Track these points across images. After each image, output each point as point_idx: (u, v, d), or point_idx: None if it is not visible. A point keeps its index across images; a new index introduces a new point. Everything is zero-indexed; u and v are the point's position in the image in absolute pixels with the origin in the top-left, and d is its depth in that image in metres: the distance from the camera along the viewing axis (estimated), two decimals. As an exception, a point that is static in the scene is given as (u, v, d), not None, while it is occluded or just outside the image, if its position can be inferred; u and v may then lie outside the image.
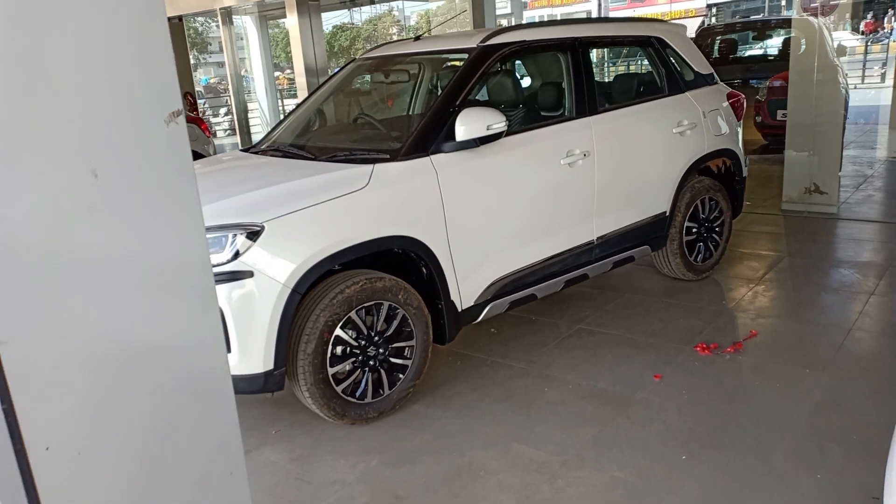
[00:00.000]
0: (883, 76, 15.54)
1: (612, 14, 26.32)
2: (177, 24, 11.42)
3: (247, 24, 17.66)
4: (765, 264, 4.85)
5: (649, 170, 4.04)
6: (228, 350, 2.71)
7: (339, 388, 2.92)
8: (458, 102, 3.26)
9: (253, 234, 2.69)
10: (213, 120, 19.04)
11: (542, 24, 3.87)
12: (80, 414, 0.97)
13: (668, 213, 4.21)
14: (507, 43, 3.52)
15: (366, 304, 2.93)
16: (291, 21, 9.15)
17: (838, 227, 5.66)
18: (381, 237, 2.93)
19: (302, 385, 2.84)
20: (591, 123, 3.73)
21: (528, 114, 3.87)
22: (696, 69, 4.42)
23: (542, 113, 3.87)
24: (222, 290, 2.66)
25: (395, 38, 30.10)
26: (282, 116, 13.06)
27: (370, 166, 3.03)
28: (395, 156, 3.11)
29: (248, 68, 13.07)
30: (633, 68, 13.16)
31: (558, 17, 30.65)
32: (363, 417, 3.02)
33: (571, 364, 3.51)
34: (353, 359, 2.95)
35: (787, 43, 8.75)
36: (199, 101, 17.68)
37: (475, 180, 3.24)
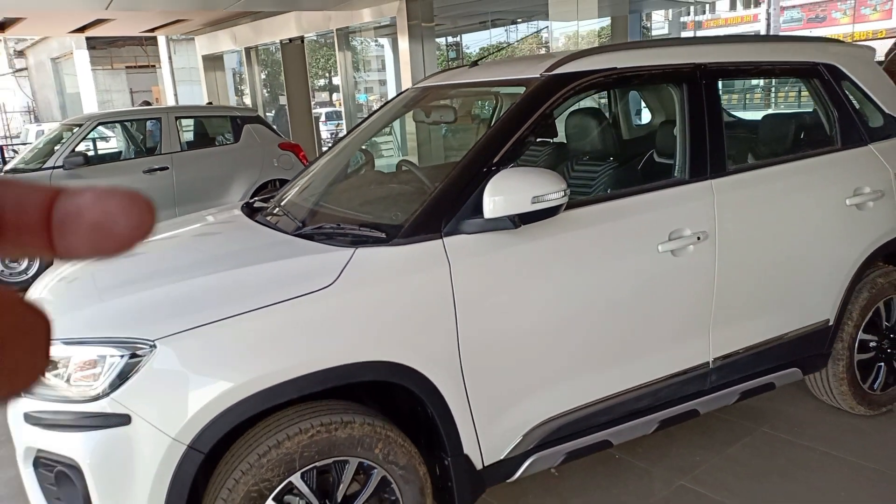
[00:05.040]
0: None
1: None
2: (297, 46, 11.15)
3: (384, 44, 17.47)
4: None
5: (805, 260, 2.72)
6: (90, 528, 1.81)
7: (270, 588, 1.93)
8: (496, 160, 2.18)
9: (139, 356, 1.78)
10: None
11: (644, 43, 2.70)
12: None
13: (831, 322, 2.84)
14: (582, 73, 2.39)
15: (318, 464, 1.93)
16: (403, 44, 8.45)
17: None
18: (345, 365, 1.92)
19: (210, 582, 1.88)
20: (714, 190, 2.50)
21: (612, 175, 2.71)
22: (887, 111, 3.02)
23: (635, 174, 2.70)
24: (85, 439, 1.77)
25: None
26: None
27: (349, 252, 2.03)
28: (392, 235, 2.09)
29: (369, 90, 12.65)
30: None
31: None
32: None
33: (655, 561, 2.29)
34: (298, 542, 1.96)
35: None
36: (326, 123, 17.66)
37: (511, 277, 2.14)
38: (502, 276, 2.13)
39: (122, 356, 1.78)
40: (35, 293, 2.35)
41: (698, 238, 2.43)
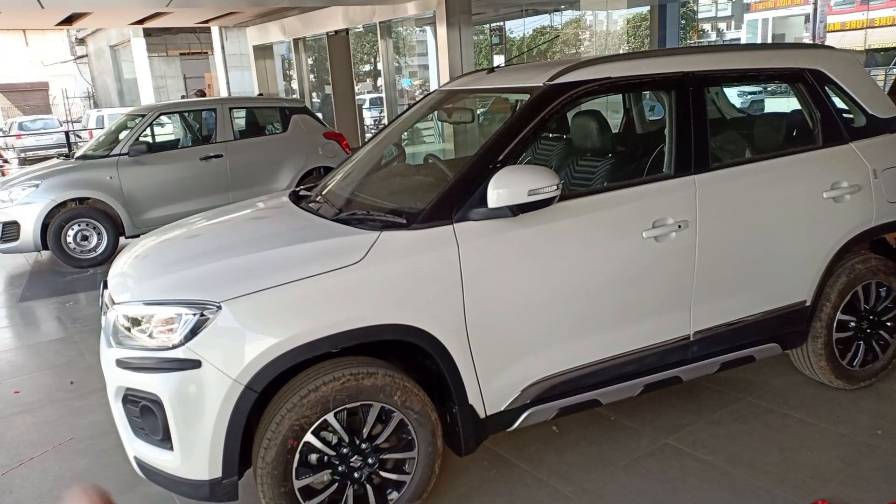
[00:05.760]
0: None
1: (831, 18, 23.01)
2: (343, 38, 11.62)
3: (427, 30, 17.74)
4: (963, 375, 3.56)
5: (780, 247, 3.04)
6: (170, 448, 2.30)
7: (309, 504, 2.40)
8: (500, 158, 2.58)
9: (208, 315, 2.25)
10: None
11: (639, 54, 3.04)
12: None
13: (808, 303, 3.17)
14: (582, 82, 2.76)
15: (348, 406, 2.38)
16: (441, 32, 8.85)
17: None
18: (369, 326, 2.36)
19: (262, 497, 2.35)
20: (697, 184, 2.85)
21: (605, 171, 3.07)
22: (870, 111, 3.30)
23: (624, 170, 3.05)
24: (165, 379, 2.25)
25: (585, 44, 28.98)
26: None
27: (375, 234, 2.47)
28: (412, 221, 2.52)
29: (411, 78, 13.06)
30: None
31: (769, 20, 27.59)
32: (339, 541, 2.47)
33: (633, 502, 2.68)
34: (331, 469, 2.42)
35: None
36: (370, 109, 18.14)
37: (510, 257, 2.55)
38: (502, 257, 2.54)
39: (194, 314, 2.25)
40: (117, 270, 2.85)
41: (679, 226, 2.79)
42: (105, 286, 2.77)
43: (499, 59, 22.70)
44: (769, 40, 27.30)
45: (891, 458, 2.87)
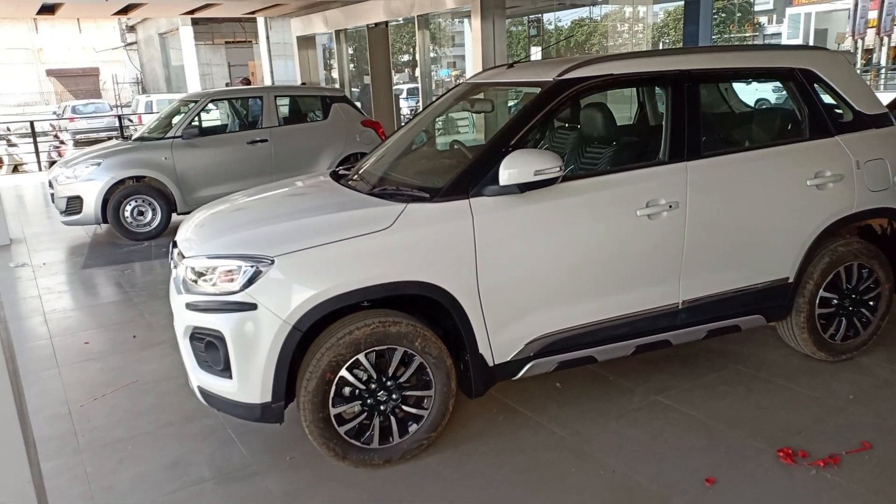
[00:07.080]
0: None
1: (872, 12, 22.71)
2: (382, 30, 12.07)
3: (465, 22, 18.05)
4: (940, 353, 3.86)
5: (764, 228, 3.39)
6: (229, 377, 2.78)
7: (341, 429, 2.85)
8: (512, 142, 2.99)
9: (263, 267, 2.72)
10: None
11: (641, 53, 3.41)
12: None
13: (791, 280, 3.51)
14: (586, 77, 3.15)
15: (376, 349, 2.83)
16: (475, 24, 9.24)
17: None
18: (395, 282, 2.80)
19: (303, 421, 2.82)
20: (688, 170, 3.22)
21: (606, 157, 3.45)
22: (857, 108, 3.61)
23: (623, 156, 3.42)
24: (227, 318, 2.73)
25: (623, 34, 29.09)
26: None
27: (402, 206, 2.91)
28: (433, 195, 2.95)
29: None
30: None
31: (813, 14, 27.27)
32: (367, 463, 2.92)
33: (619, 444, 3.08)
34: (361, 401, 2.87)
35: None
36: (407, 99, 18.57)
37: (518, 229, 2.96)
38: (510, 228, 2.95)
39: (251, 266, 2.72)
40: (183, 234, 3.33)
41: (670, 206, 3.16)
42: (175, 245, 3.26)
43: (535, 51, 22.99)
44: (811, 35, 27.03)
45: (856, 418, 3.22)
